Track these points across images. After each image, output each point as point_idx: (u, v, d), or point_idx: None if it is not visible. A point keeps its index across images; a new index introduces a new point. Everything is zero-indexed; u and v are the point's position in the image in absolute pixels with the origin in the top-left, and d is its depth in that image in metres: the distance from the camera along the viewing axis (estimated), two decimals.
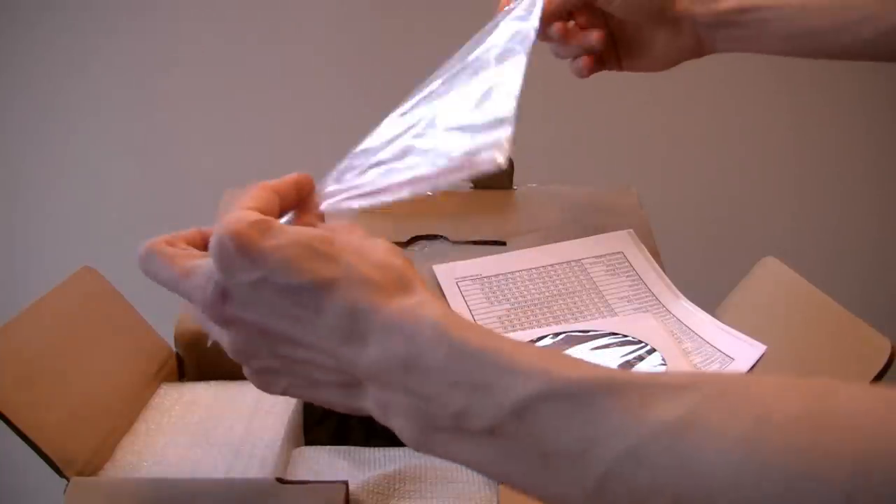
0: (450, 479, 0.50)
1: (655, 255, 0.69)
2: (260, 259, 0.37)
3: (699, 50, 0.67)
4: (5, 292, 1.30)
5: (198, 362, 0.62)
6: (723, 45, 0.67)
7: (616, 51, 0.69)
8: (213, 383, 0.59)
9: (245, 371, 0.41)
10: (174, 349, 0.62)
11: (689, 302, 0.64)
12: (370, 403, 0.37)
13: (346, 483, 0.44)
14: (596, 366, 0.32)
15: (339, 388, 0.38)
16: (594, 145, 1.34)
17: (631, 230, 0.70)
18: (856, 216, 1.33)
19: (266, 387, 0.41)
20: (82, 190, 1.33)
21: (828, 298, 0.53)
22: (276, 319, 0.38)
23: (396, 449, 0.54)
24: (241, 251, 0.37)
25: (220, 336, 0.41)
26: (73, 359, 0.53)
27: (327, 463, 0.53)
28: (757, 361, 0.55)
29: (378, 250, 0.39)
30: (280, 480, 0.44)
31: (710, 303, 0.64)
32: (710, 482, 0.28)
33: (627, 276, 0.67)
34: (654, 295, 0.65)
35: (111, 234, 1.34)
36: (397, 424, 0.36)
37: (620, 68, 0.70)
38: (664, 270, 0.67)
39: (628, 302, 0.64)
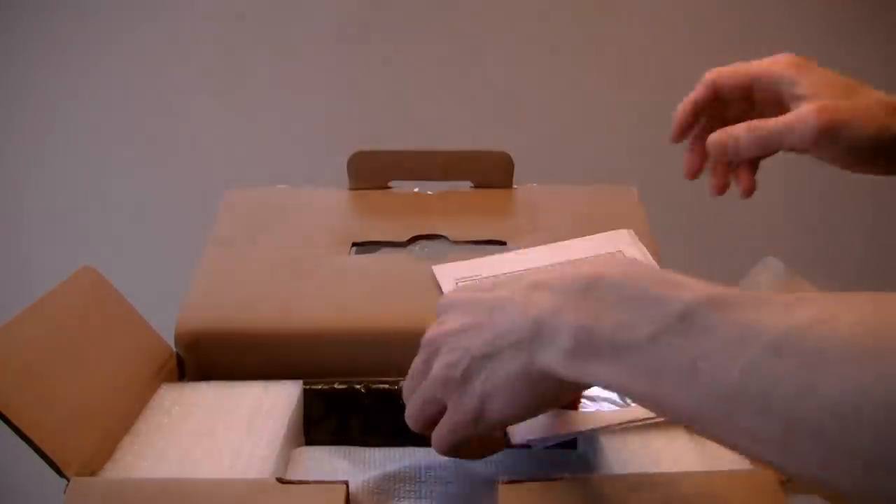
0: (449, 480, 0.50)
1: (655, 255, 0.69)
2: (468, 288, 0.47)
3: None
4: (5, 292, 1.30)
5: (198, 362, 0.61)
6: None
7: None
8: (213, 383, 0.59)
9: (448, 386, 0.45)
10: (174, 349, 0.62)
11: None
12: (536, 347, 0.41)
13: (346, 483, 0.44)
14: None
15: (519, 346, 0.42)
16: (595, 145, 1.34)
17: (630, 230, 0.70)
18: (856, 216, 1.33)
19: (458, 386, 0.45)
20: (82, 190, 1.33)
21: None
22: (476, 309, 0.44)
23: (396, 449, 0.54)
24: (456, 293, 0.47)
25: (438, 362, 0.45)
26: (73, 359, 0.53)
27: (327, 463, 0.53)
28: None
29: None
30: (280, 480, 0.44)
31: None
32: (838, 360, 0.32)
33: None
34: None
35: (111, 234, 1.34)
36: (555, 356, 0.40)
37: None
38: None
39: None
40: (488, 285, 0.46)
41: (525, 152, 0.86)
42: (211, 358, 0.61)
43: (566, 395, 0.45)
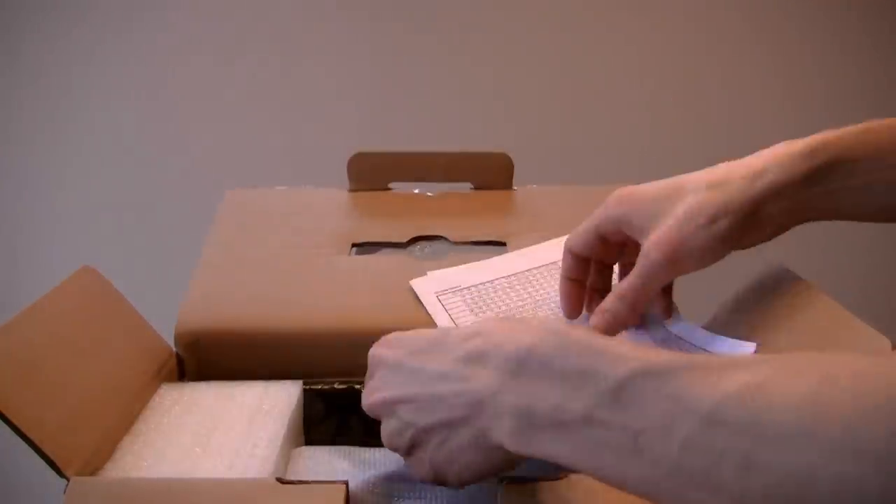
0: None
1: None
2: (394, 344, 0.47)
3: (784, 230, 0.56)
4: (5, 292, 1.30)
5: (198, 362, 0.62)
6: (812, 218, 0.55)
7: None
8: (213, 383, 0.59)
9: (401, 454, 0.46)
10: (174, 349, 0.62)
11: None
12: (484, 423, 0.41)
13: (346, 483, 0.44)
14: (680, 353, 0.36)
15: (464, 422, 0.42)
16: (595, 146, 1.34)
17: None
18: None
19: (420, 465, 0.45)
20: (82, 190, 1.33)
21: (828, 298, 0.53)
22: (409, 382, 0.44)
23: None
24: (382, 345, 0.49)
25: (382, 428, 0.47)
26: (73, 359, 0.53)
27: (327, 463, 0.53)
28: None
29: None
30: (280, 480, 0.44)
31: (711, 303, 0.64)
32: (777, 436, 0.30)
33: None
34: None
35: (111, 234, 1.34)
36: (502, 433, 0.40)
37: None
38: None
39: None
40: (420, 344, 0.45)
41: (525, 154, 0.86)
42: (211, 358, 0.61)
43: (523, 459, 0.44)
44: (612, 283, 0.62)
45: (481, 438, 0.41)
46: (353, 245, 0.72)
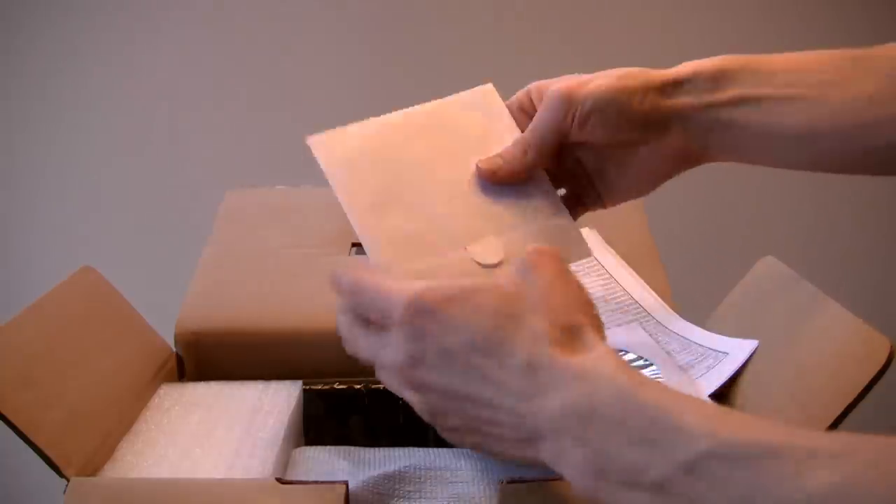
0: (450, 480, 0.50)
1: (655, 255, 0.69)
2: (450, 327, 0.41)
3: (690, 155, 0.56)
4: (5, 292, 1.30)
5: (198, 362, 0.62)
6: (717, 149, 0.55)
7: (593, 185, 0.59)
8: (213, 383, 0.59)
9: (438, 429, 0.44)
10: (174, 349, 0.62)
11: (664, 304, 0.64)
12: (544, 455, 0.40)
13: (346, 483, 0.44)
14: (756, 426, 0.35)
15: (518, 442, 0.41)
16: None
17: (594, 230, 0.69)
18: (856, 215, 1.33)
19: (458, 442, 0.44)
20: (82, 190, 1.33)
21: (828, 298, 0.53)
22: (462, 382, 0.41)
23: (396, 449, 0.54)
24: (431, 318, 0.41)
25: (411, 398, 0.44)
26: (73, 359, 0.53)
27: (327, 463, 0.53)
28: (749, 358, 0.55)
29: (561, 305, 0.42)
30: (280, 480, 0.44)
31: (710, 303, 0.64)
32: None
33: (599, 276, 0.66)
34: (636, 300, 0.64)
35: (111, 234, 1.34)
36: (568, 473, 0.38)
37: (602, 205, 0.59)
38: (664, 271, 0.67)
39: (605, 302, 0.63)
40: (477, 338, 0.41)
41: None
42: (211, 358, 0.61)
43: None
44: None
45: (535, 457, 0.40)
46: (353, 245, 0.72)
